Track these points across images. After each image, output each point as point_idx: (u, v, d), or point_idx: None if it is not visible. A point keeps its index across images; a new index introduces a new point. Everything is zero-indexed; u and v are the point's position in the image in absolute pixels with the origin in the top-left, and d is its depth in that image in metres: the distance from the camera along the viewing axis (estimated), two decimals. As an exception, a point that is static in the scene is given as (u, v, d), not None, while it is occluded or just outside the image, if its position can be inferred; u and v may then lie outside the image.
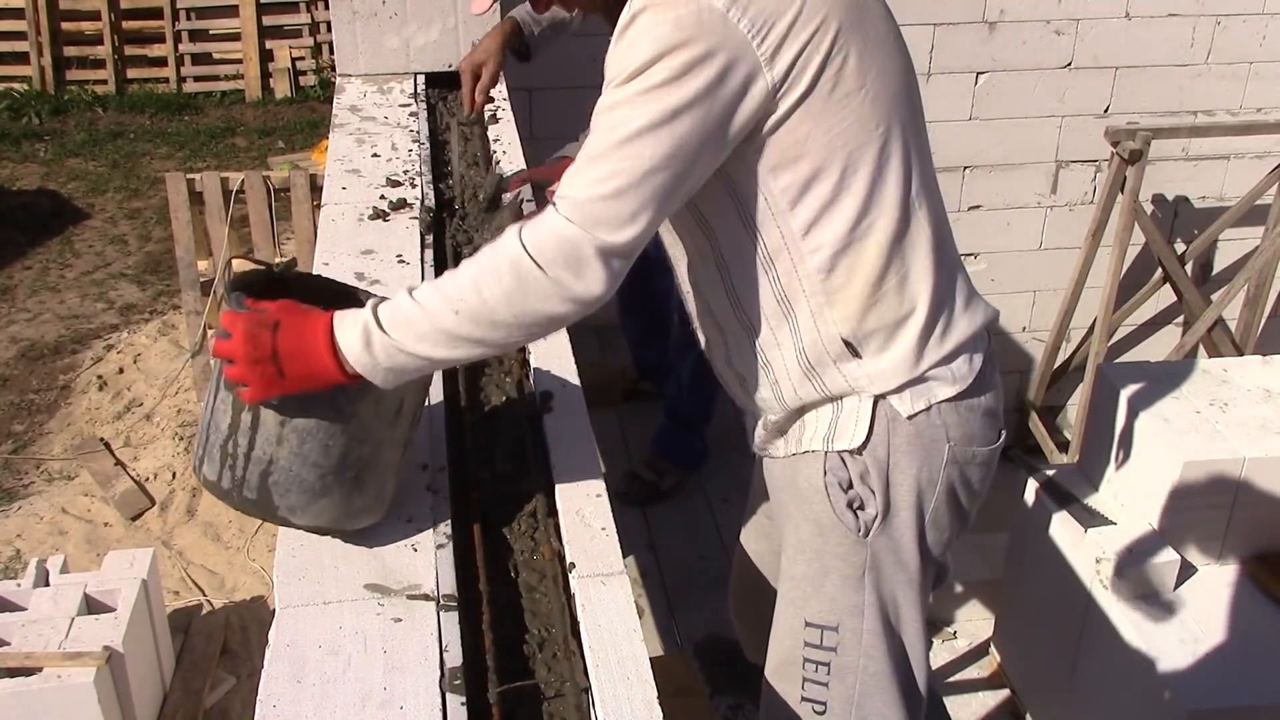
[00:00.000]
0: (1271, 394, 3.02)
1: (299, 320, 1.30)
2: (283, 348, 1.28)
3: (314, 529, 1.43)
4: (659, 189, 1.29)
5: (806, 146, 1.37)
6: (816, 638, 1.67)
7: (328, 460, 1.36)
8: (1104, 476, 3.06)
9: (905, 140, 1.45)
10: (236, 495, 1.38)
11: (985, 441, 1.60)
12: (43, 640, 3.01)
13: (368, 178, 2.50)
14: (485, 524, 1.55)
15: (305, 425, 1.34)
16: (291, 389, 1.30)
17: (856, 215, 1.42)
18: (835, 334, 1.49)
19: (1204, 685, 2.62)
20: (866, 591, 1.62)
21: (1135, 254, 4.72)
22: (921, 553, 1.62)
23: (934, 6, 4.12)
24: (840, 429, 1.55)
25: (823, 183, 1.40)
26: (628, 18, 1.31)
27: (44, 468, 4.58)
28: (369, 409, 1.36)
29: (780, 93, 1.33)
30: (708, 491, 3.45)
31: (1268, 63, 4.51)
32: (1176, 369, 3.15)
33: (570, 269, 1.28)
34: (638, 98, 1.28)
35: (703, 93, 1.28)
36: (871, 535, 1.59)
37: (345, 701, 1.21)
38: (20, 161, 7.45)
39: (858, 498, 1.58)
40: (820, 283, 1.46)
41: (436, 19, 3.07)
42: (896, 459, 1.55)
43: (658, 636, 2.97)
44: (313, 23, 8.36)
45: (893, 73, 1.43)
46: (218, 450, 1.37)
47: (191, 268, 4.34)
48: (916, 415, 1.53)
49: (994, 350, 1.63)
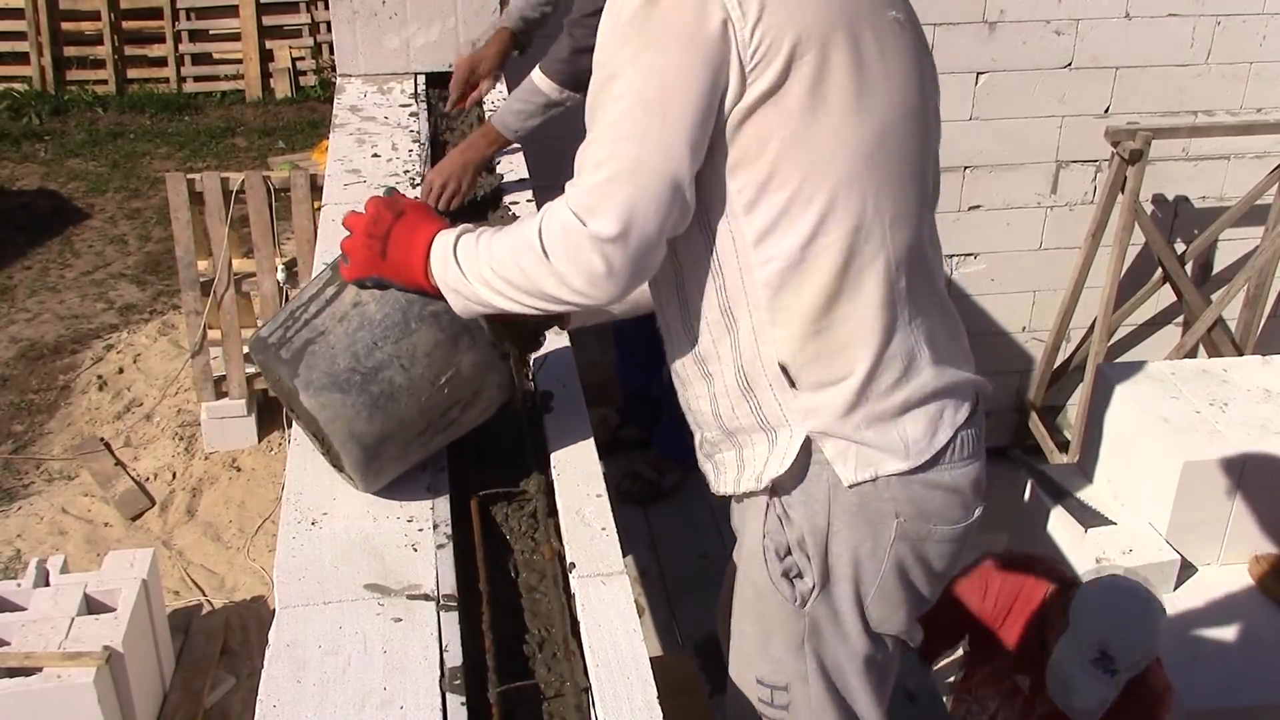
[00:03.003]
0: (1271, 394, 3.02)
1: (419, 219, 1.43)
2: (395, 232, 1.42)
3: (308, 418, 1.46)
4: (652, 174, 1.26)
5: (768, 146, 1.31)
6: (768, 695, 1.60)
7: (367, 359, 1.44)
8: (1104, 476, 3.07)
9: (893, 173, 1.37)
10: (273, 351, 1.47)
11: (947, 520, 1.47)
12: (43, 640, 3.01)
13: (368, 178, 2.50)
14: (485, 524, 1.55)
15: (371, 315, 1.45)
16: (386, 273, 1.42)
17: (811, 231, 1.34)
18: (773, 356, 1.40)
19: (1204, 685, 2.63)
20: (808, 659, 1.54)
21: (1135, 254, 4.72)
22: (865, 627, 1.53)
23: (934, 6, 4.12)
24: (769, 465, 1.46)
25: (781, 190, 1.33)
26: None
27: (44, 468, 4.58)
28: (425, 343, 1.45)
29: (751, 72, 1.29)
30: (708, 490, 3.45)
31: (1268, 63, 4.51)
32: (1176, 369, 3.15)
33: (569, 260, 1.28)
34: (626, 65, 1.28)
35: (683, 56, 1.26)
36: (809, 605, 1.50)
37: (345, 701, 1.21)
38: (20, 161, 7.45)
39: (794, 566, 1.49)
40: (766, 298, 1.38)
41: (436, 19, 3.07)
42: (836, 528, 1.45)
43: (657, 636, 2.97)
44: (313, 23, 8.36)
45: (893, 95, 1.36)
46: (285, 313, 1.50)
47: (191, 268, 4.34)
48: (861, 484, 1.42)
49: (981, 420, 1.51)
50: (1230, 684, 2.63)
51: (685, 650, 2.86)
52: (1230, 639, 2.74)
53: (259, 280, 4.39)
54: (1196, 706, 2.56)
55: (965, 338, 1.54)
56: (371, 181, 2.48)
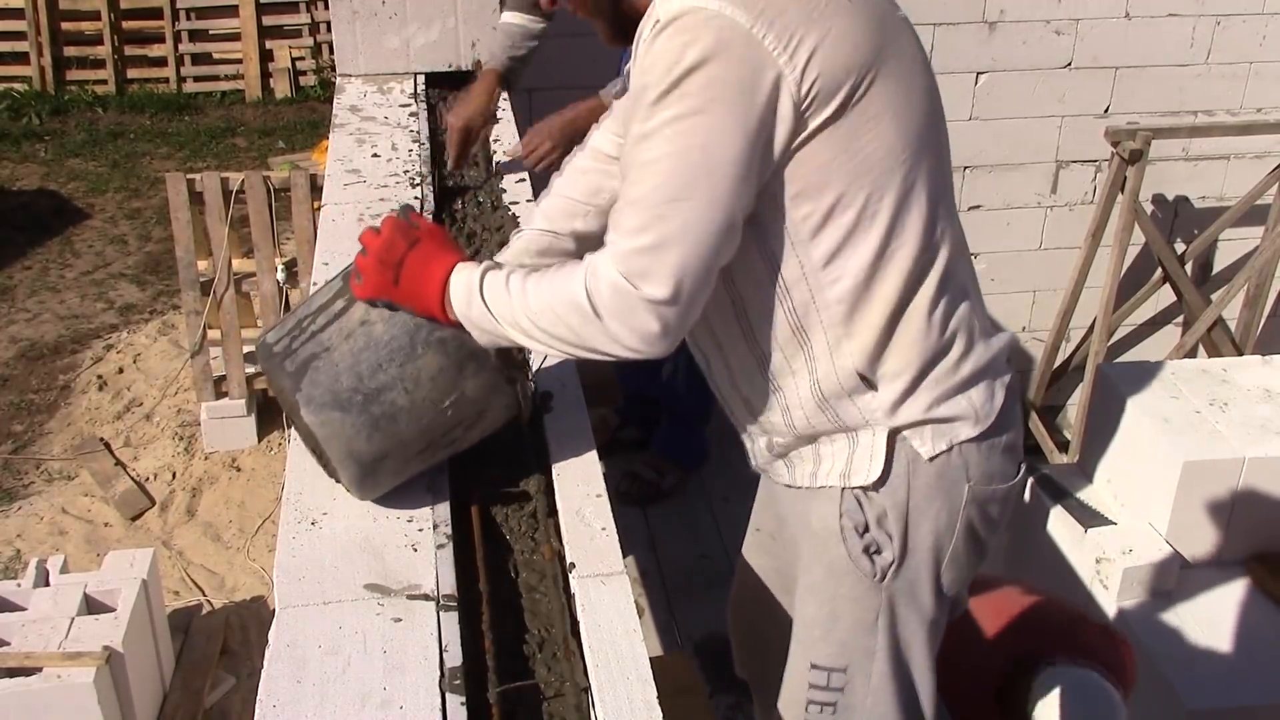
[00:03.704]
0: (1271, 394, 3.02)
1: (435, 248, 1.43)
2: (410, 261, 1.42)
3: (307, 433, 1.46)
4: (701, 234, 1.28)
5: (830, 173, 1.34)
6: (823, 679, 1.63)
7: (370, 380, 1.42)
8: (1104, 476, 3.07)
9: (931, 168, 1.42)
10: (278, 361, 1.46)
11: (1005, 478, 1.57)
12: (43, 640, 3.00)
13: (368, 178, 2.50)
14: (485, 524, 1.55)
15: (377, 336, 1.43)
16: (397, 299, 1.43)
17: (880, 245, 1.39)
18: (851, 366, 1.45)
19: (1204, 685, 2.62)
20: (880, 635, 1.58)
21: (1135, 254, 4.71)
22: (938, 593, 1.59)
23: (934, 6, 4.11)
24: (856, 465, 1.51)
25: (847, 211, 1.36)
26: (651, 37, 1.30)
27: (44, 468, 4.57)
28: (430, 367, 1.43)
29: (807, 114, 1.30)
30: (708, 491, 3.46)
31: (1268, 63, 4.51)
32: (1176, 369, 3.15)
33: (623, 321, 1.29)
34: (665, 127, 1.27)
35: (729, 115, 1.26)
36: (887, 580, 1.55)
37: (345, 701, 1.21)
38: (20, 161, 7.44)
39: (874, 542, 1.53)
40: (839, 314, 1.42)
41: (436, 19, 3.07)
42: (916, 502, 1.51)
43: (658, 636, 2.97)
44: (313, 23, 8.35)
45: (919, 99, 1.40)
46: (293, 320, 1.49)
47: (191, 268, 4.34)
48: (938, 456, 1.49)
49: (1014, 381, 1.59)
50: (1230, 684, 2.62)
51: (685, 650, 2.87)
52: (1230, 639, 2.74)
53: (259, 280, 4.39)
54: (1196, 706, 2.56)
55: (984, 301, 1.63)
56: (371, 181, 2.48)
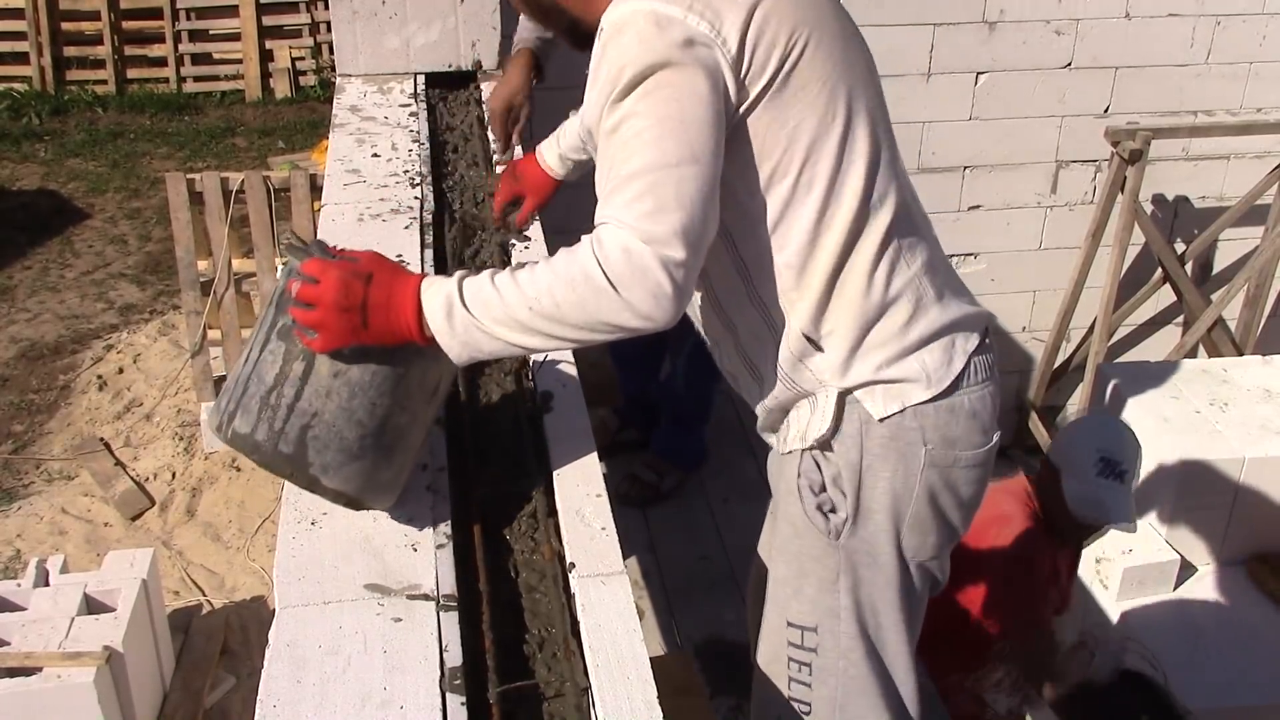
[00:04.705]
0: (1271, 394, 3.02)
1: (391, 276, 1.34)
2: (373, 299, 1.32)
3: (335, 494, 1.42)
4: (695, 191, 1.32)
5: (767, 140, 1.41)
6: (798, 638, 1.67)
7: (371, 420, 1.38)
8: (1104, 476, 3.06)
9: (868, 133, 1.46)
10: (270, 449, 1.37)
11: (969, 445, 1.57)
12: (43, 640, 3.01)
13: (368, 178, 2.50)
14: (485, 524, 1.55)
15: (358, 379, 1.36)
16: (369, 340, 1.34)
17: (819, 209, 1.45)
18: (798, 328, 1.51)
19: (1204, 685, 2.63)
20: (841, 595, 1.62)
21: (1135, 254, 4.71)
22: (900, 557, 1.61)
23: (934, 6, 4.11)
24: (812, 425, 1.56)
25: (785, 179, 1.43)
26: (599, 49, 1.38)
27: (44, 468, 4.57)
28: (416, 377, 1.41)
29: (745, 85, 1.38)
30: (708, 492, 3.45)
31: (1268, 63, 4.51)
32: (1176, 369, 3.15)
33: (637, 284, 1.30)
34: (636, 104, 1.33)
35: (691, 82, 1.33)
36: (843, 538, 1.59)
37: (345, 701, 1.21)
38: (20, 161, 7.45)
39: (828, 500, 1.58)
40: (790, 279, 1.49)
41: (436, 19, 3.07)
42: (869, 462, 1.55)
43: (658, 636, 2.97)
44: (313, 23, 8.36)
45: (850, 66, 1.45)
46: (256, 402, 1.36)
47: (191, 268, 4.34)
48: (889, 418, 1.53)
49: (991, 348, 1.61)
50: (1230, 684, 2.63)
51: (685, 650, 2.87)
52: (1230, 639, 2.74)
53: (259, 280, 4.39)
54: (1197, 706, 2.56)
55: (957, 275, 1.65)
56: (371, 181, 2.48)
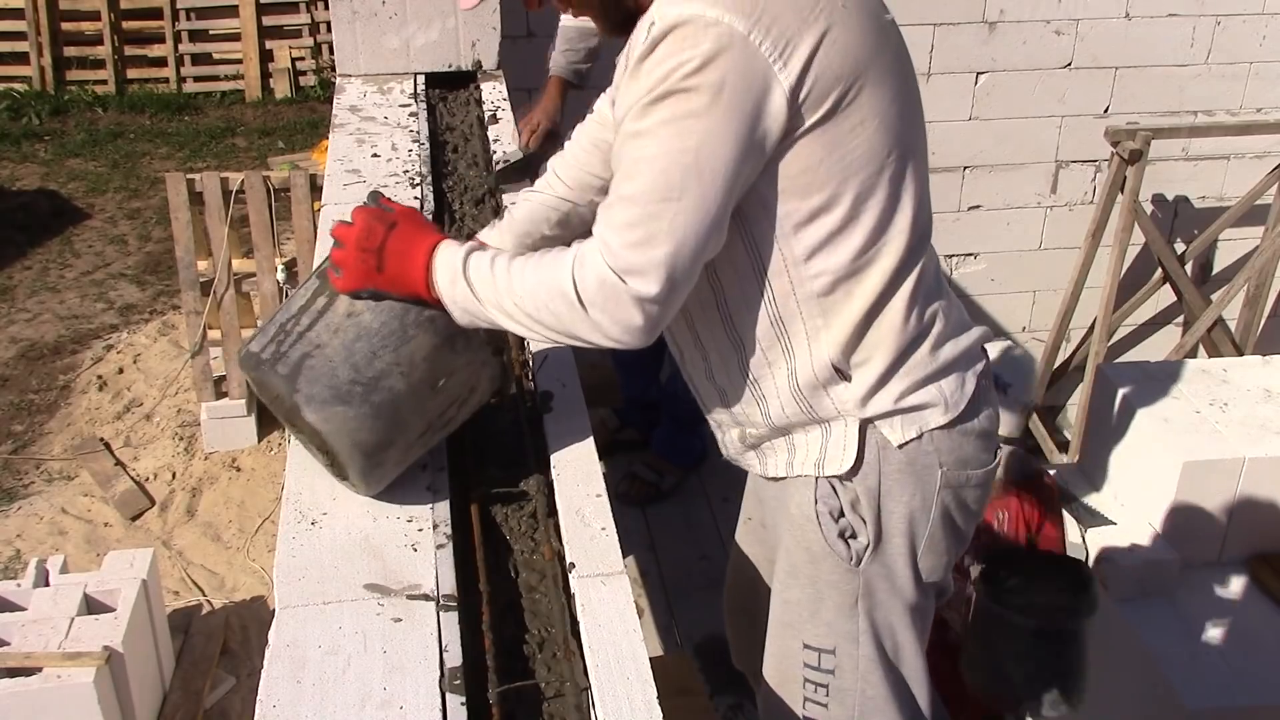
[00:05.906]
0: (1271, 394, 3.02)
1: (413, 229, 1.43)
2: (390, 245, 1.41)
3: (311, 432, 1.45)
4: (687, 229, 1.30)
5: (818, 174, 1.37)
6: (815, 660, 1.66)
7: (367, 369, 1.43)
8: (1104, 476, 3.07)
9: (915, 170, 1.45)
10: (268, 367, 1.45)
11: (979, 464, 1.59)
12: (43, 640, 3.00)
13: (367, 178, 2.50)
14: (485, 524, 1.55)
15: (367, 325, 1.43)
16: (382, 285, 1.42)
17: (864, 244, 1.43)
18: (826, 358, 1.49)
19: (1204, 685, 2.62)
20: (860, 619, 1.62)
21: (1135, 254, 4.72)
22: (916, 578, 1.61)
23: (934, 6, 4.11)
24: (829, 455, 1.55)
25: (834, 211, 1.40)
26: (649, 44, 1.31)
27: (44, 468, 4.57)
28: (423, 348, 1.44)
29: (800, 115, 1.32)
30: (708, 491, 3.46)
31: (1268, 63, 4.51)
32: (1176, 369, 3.15)
33: (607, 313, 1.32)
34: (661, 127, 1.29)
35: (724, 121, 1.28)
36: (864, 564, 1.59)
37: (345, 702, 1.21)
38: (20, 161, 7.44)
39: (849, 526, 1.57)
40: (818, 307, 1.46)
41: (436, 19, 3.07)
42: (888, 487, 1.55)
43: (658, 636, 2.97)
44: (313, 23, 8.35)
45: (905, 103, 1.42)
46: (274, 326, 1.47)
47: (191, 268, 4.34)
48: (908, 444, 1.52)
49: (989, 372, 1.62)
50: (1230, 684, 2.62)
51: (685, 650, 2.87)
52: (1230, 639, 2.74)
53: (259, 280, 4.39)
54: (1197, 706, 2.56)
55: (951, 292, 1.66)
56: (371, 181, 2.48)
